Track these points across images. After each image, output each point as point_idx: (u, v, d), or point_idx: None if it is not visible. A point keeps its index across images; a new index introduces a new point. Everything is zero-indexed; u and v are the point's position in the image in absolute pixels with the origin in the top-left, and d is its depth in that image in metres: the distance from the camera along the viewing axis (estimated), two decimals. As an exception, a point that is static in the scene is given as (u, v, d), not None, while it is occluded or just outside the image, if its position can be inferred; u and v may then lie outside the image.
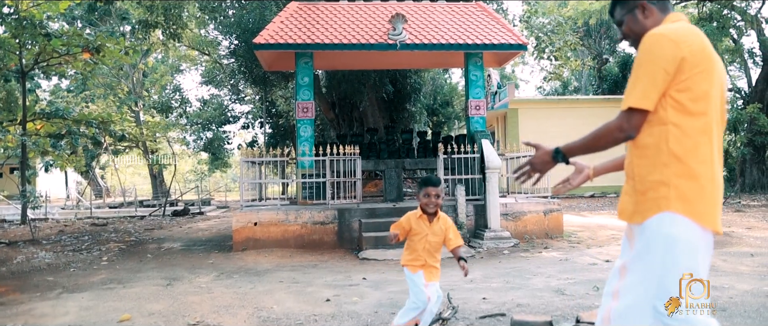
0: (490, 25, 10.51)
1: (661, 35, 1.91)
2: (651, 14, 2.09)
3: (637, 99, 1.89)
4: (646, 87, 1.88)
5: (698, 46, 1.89)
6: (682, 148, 1.87)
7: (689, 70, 1.86)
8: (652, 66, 1.89)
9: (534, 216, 9.49)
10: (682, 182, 1.87)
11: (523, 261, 7.47)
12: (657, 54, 1.88)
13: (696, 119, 1.88)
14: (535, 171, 2.24)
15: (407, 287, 5.91)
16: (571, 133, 16.66)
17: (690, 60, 1.86)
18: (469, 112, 10.54)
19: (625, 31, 2.17)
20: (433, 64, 12.67)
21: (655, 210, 1.88)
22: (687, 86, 1.86)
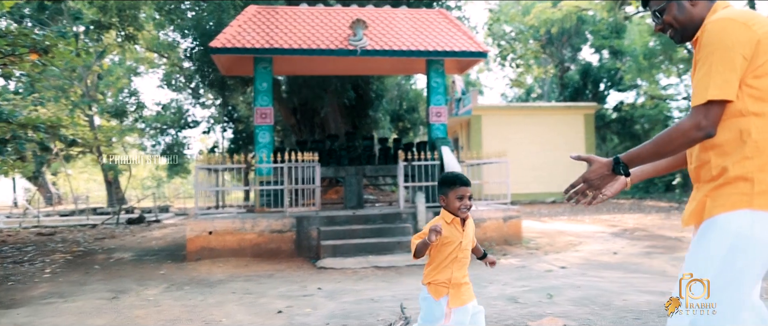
0: (451, 32, 10.53)
1: (730, 19, 1.75)
2: (698, 3, 1.90)
3: (718, 89, 1.69)
4: (725, 75, 1.70)
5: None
6: (766, 140, 1.71)
7: (765, 54, 1.72)
8: (728, 52, 1.71)
9: (494, 223, 9.51)
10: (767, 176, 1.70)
11: (481, 268, 7.42)
12: (731, 39, 1.72)
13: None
14: (592, 188, 1.97)
15: (362, 297, 5.85)
16: (533, 138, 16.96)
17: (765, 42, 1.72)
18: (430, 119, 10.53)
19: (668, 21, 1.95)
20: (395, 71, 12.63)
21: (729, 207, 1.72)
22: (765, 71, 1.71)
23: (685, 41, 2.00)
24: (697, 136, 1.72)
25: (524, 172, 20.96)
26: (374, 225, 8.87)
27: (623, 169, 1.88)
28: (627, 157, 1.88)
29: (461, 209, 2.74)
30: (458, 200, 2.75)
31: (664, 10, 1.94)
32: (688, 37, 1.96)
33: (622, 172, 1.89)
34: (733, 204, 1.71)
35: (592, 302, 5.17)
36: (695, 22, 1.91)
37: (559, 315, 4.72)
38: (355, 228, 8.65)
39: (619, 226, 12.06)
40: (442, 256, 2.79)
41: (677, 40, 2.00)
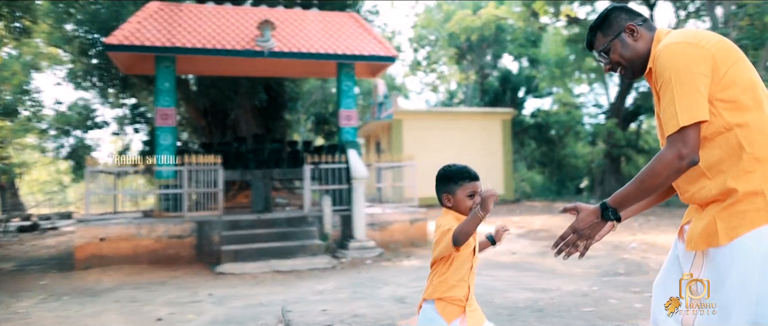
0: (361, 36, 10.57)
1: (679, 43, 1.73)
2: (641, 36, 1.90)
3: (687, 113, 1.62)
4: (690, 97, 1.64)
5: (718, 41, 1.73)
6: (760, 148, 1.64)
7: (724, 65, 1.68)
8: (686, 74, 1.66)
9: (400, 226, 9.61)
10: None
11: (383, 270, 7.51)
12: (685, 60, 1.68)
13: (758, 111, 1.67)
14: (583, 238, 1.86)
15: (253, 302, 5.73)
16: (453, 143, 17.22)
17: (719, 55, 1.68)
18: (341, 122, 10.51)
19: (614, 59, 1.93)
20: (306, 73, 12.54)
21: (749, 227, 1.60)
22: (730, 81, 1.67)
23: (637, 77, 1.97)
24: (682, 166, 1.64)
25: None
26: (279, 229, 8.74)
27: (613, 215, 1.79)
28: (614, 201, 1.78)
29: (473, 208, 2.27)
30: (469, 198, 2.31)
31: (609, 49, 1.94)
32: (638, 72, 1.94)
33: (611, 218, 1.80)
34: (752, 223, 1.60)
35: (475, 301, 5.30)
36: (642, 56, 1.91)
37: (439, 315, 4.80)
38: (258, 233, 8.49)
39: (526, 228, 12.49)
40: (457, 264, 2.30)
41: (628, 76, 1.97)
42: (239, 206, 11.45)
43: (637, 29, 1.89)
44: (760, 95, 1.69)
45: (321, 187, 9.50)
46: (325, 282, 6.67)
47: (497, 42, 25.56)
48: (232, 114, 12.84)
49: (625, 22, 1.91)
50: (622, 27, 1.90)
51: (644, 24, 1.91)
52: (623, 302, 5.10)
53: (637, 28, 1.89)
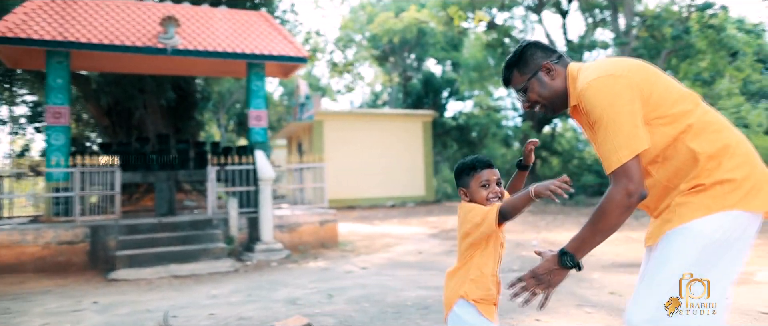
0: (271, 35, 10.41)
1: (600, 78, 1.73)
2: (557, 73, 1.91)
3: (626, 149, 1.63)
4: (626, 131, 1.64)
5: (634, 66, 1.77)
6: (710, 144, 1.67)
7: (648, 87, 1.71)
8: (616, 107, 1.67)
9: (310, 227, 9.53)
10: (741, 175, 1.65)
11: (286, 272, 7.40)
12: (612, 95, 1.68)
13: (693, 114, 1.71)
14: (542, 284, 1.81)
15: (140, 309, 5.48)
16: (374, 144, 17.25)
17: (640, 80, 1.71)
18: (250, 123, 10.30)
19: (532, 98, 1.94)
20: (215, 72, 12.21)
21: (703, 212, 1.64)
22: (658, 100, 1.70)
23: (557, 112, 1.98)
24: (632, 203, 1.64)
25: (366, 177, 21.47)
26: (182, 232, 8.44)
27: (571, 261, 1.76)
28: (573, 247, 1.75)
29: (490, 198, 2.13)
30: (483, 188, 2.14)
31: (527, 88, 1.94)
32: (559, 108, 1.95)
33: (568, 265, 1.76)
34: (707, 208, 1.64)
35: (366, 299, 5.32)
36: (559, 94, 1.91)
37: (326, 314, 4.79)
38: (159, 237, 8.16)
39: (439, 228, 12.72)
40: (487, 254, 2.11)
41: (549, 113, 1.98)
42: (144, 209, 10.97)
43: (553, 67, 1.90)
44: (688, 98, 1.73)
45: (227, 189, 9.27)
46: (222, 286, 6.50)
47: (420, 45, 25.96)
48: (136, 113, 12.27)
49: (541, 61, 1.92)
50: (538, 65, 1.91)
51: (559, 61, 1.93)
52: (506, 297, 5.26)
53: (553, 66, 1.91)
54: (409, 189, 22.11)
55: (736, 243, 1.64)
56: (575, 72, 1.87)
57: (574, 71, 1.88)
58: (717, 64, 17.65)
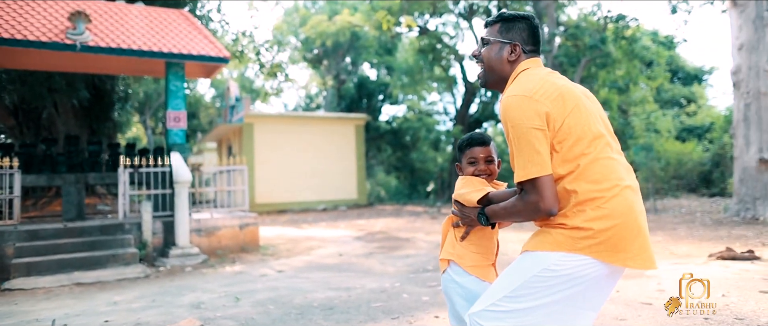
0: (191, 35, 10.14)
1: (516, 97, 1.78)
2: (516, 60, 1.95)
3: (524, 170, 1.74)
4: (527, 153, 1.73)
5: (555, 92, 1.79)
6: (584, 193, 1.73)
7: (560, 117, 1.76)
8: (523, 130, 1.74)
9: (229, 231, 9.33)
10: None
11: (199, 277, 7.21)
12: (523, 116, 1.75)
13: (585, 157, 1.75)
14: (466, 220, 2.13)
15: (28, 318, 5.16)
16: (306, 147, 17.04)
17: (554, 108, 1.76)
18: (168, 124, 9.97)
19: (485, 55, 1.99)
20: (131, 71, 11.76)
21: (553, 247, 1.76)
22: (566, 132, 1.75)
23: (488, 87, 2.03)
24: (539, 214, 1.76)
25: (297, 180, 21.26)
26: (90, 238, 8.06)
27: (485, 221, 2.01)
28: (490, 212, 1.97)
29: (477, 175, 2.25)
30: (471, 165, 2.26)
31: (488, 44, 1.98)
32: (489, 84, 2.01)
33: (483, 223, 2.02)
34: (558, 245, 1.74)
35: (273, 302, 5.26)
36: (500, 75, 1.96)
37: (227, 317, 4.69)
38: (63, 243, 7.75)
39: (365, 230, 12.76)
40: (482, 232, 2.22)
41: (481, 80, 2.03)
42: (51, 214, 10.40)
43: (519, 54, 1.94)
44: (594, 142, 1.77)
45: (141, 192, 8.93)
46: (127, 293, 6.25)
47: (354, 48, 26.00)
48: (45, 113, 11.61)
49: (517, 39, 1.95)
50: (512, 40, 1.95)
51: (529, 54, 1.96)
52: (414, 296, 5.35)
53: (520, 53, 1.94)
54: (342, 192, 22.06)
55: (578, 285, 1.73)
56: (516, 75, 1.92)
57: (516, 74, 1.93)
58: (631, 73, 18.64)
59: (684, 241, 7.93)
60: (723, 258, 6.05)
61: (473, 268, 2.20)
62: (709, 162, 16.32)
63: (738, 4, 10.71)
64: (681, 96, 25.88)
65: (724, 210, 10.87)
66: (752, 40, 10.45)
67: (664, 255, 6.82)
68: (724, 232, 8.60)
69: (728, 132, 14.67)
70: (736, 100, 10.81)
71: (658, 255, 6.84)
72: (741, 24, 10.65)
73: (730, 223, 9.72)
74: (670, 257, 6.65)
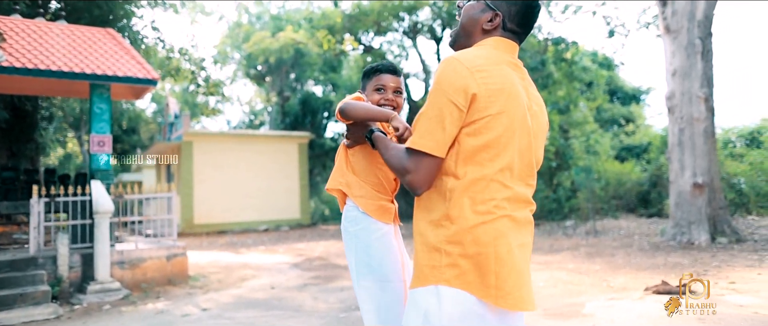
0: (118, 55, 9.67)
1: (456, 60, 1.55)
2: (491, 30, 1.71)
3: (420, 138, 1.54)
4: (431, 125, 1.52)
5: (497, 80, 1.55)
6: (458, 207, 1.52)
7: (483, 109, 1.52)
8: (440, 98, 1.52)
9: (155, 262, 8.87)
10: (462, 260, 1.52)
11: (116, 317, 6.76)
12: (447, 83, 1.53)
13: (484, 170, 1.53)
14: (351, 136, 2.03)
15: None
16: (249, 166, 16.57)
17: (484, 96, 1.51)
18: (92, 148, 9.44)
19: (465, 9, 1.77)
20: (53, 92, 11.14)
21: (422, 282, 1.57)
22: (482, 128, 1.52)
23: (452, 47, 1.81)
24: (406, 182, 1.59)
25: (239, 200, 20.70)
26: (-3, 274, 7.46)
27: (369, 140, 1.88)
28: (375, 138, 1.83)
29: (382, 104, 2.07)
30: (377, 92, 2.09)
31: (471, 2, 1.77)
32: (455, 46, 1.80)
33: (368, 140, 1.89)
34: (425, 279, 1.56)
35: (186, 353, 4.94)
36: (466, 36, 1.76)
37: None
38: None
39: (304, 256, 12.46)
40: (371, 167, 2.04)
41: (451, 40, 1.83)
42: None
43: (496, 26, 1.70)
44: (499, 158, 1.55)
45: (58, 223, 8.38)
46: None
47: (298, 65, 25.71)
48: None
49: (503, 10, 1.70)
50: (497, 7, 1.70)
51: (507, 33, 1.71)
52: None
53: (498, 26, 1.70)
54: (284, 212, 21.63)
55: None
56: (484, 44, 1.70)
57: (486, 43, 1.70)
58: (572, 94, 19.15)
59: (621, 271, 8.03)
60: (659, 293, 6.11)
61: (362, 200, 2.00)
62: (646, 181, 16.85)
63: (671, 31, 11.09)
64: (620, 115, 26.81)
65: (661, 234, 11.16)
66: (685, 67, 10.83)
67: (600, 289, 6.84)
68: (661, 259, 8.78)
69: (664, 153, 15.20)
70: (671, 125, 11.16)
71: (595, 288, 6.86)
72: (674, 50, 11.03)
73: (667, 248, 9.96)
74: (606, 291, 6.67)
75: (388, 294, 1.96)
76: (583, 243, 11.64)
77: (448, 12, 20.45)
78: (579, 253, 10.17)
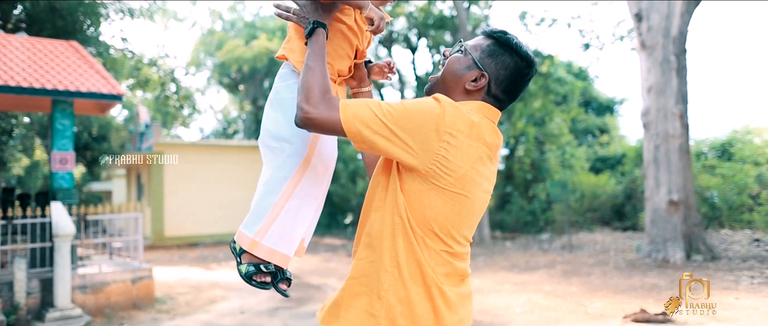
0: (81, 69, 9.30)
1: (440, 101, 1.46)
2: (472, 94, 1.58)
3: (356, 111, 1.45)
4: (374, 116, 1.44)
5: (481, 145, 1.49)
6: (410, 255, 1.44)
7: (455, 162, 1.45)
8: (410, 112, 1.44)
9: (120, 286, 8.51)
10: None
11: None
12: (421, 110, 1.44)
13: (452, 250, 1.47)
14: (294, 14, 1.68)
15: None
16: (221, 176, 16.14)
17: (457, 147, 1.44)
18: (53, 166, 9.05)
19: (450, 61, 1.62)
20: (12, 107, 10.71)
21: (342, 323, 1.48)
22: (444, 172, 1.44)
23: (429, 90, 1.67)
24: (299, 108, 1.48)
25: (211, 211, 20.26)
26: (-53, 303, 7.04)
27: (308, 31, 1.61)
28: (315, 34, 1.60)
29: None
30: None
31: (463, 52, 1.61)
32: (431, 89, 1.66)
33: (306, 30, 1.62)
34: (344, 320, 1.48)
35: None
36: (445, 90, 1.60)
37: None
38: None
39: (277, 272, 12.15)
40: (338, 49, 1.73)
41: (427, 87, 1.69)
42: None
43: (480, 88, 1.58)
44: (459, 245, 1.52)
45: (15, 247, 7.98)
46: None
47: (272, 74, 25.38)
48: None
49: (492, 73, 1.58)
50: (486, 68, 1.57)
51: (491, 99, 1.59)
52: None
53: (482, 90, 1.58)
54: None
55: None
56: (465, 107, 1.53)
57: (465, 106, 1.53)
58: (547, 107, 19.22)
59: (598, 294, 7.93)
60: (637, 321, 6.02)
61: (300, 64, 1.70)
62: (621, 194, 16.94)
63: (647, 47, 11.13)
64: (595, 126, 27.05)
65: (636, 251, 11.15)
66: (660, 83, 10.86)
67: (578, 316, 6.72)
68: (638, 280, 8.72)
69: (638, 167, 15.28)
70: (647, 142, 11.19)
71: (573, 315, 6.74)
72: (650, 66, 11.07)
73: (643, 266, 9.92)
74: (584, 318, 6.55)
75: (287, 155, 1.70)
76: (559, 259, 11.58)
77: (423, 22, 20.41)
78: (555, 272, 10.09)
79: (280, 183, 1.66)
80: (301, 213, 1.71)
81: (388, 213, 1.51)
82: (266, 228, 1.67)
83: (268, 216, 1.67)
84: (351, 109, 1.46)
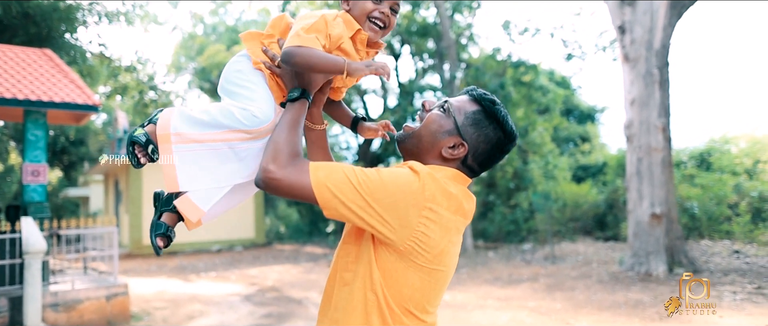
0: (55, 79, 9.02)
1: (425, 168, 1.43)
2: (448, 162, 1.52)
3: (328, 175, 1.38)
4: (347, 182, 1.37)
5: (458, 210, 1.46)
6: None
7: (433, 235, 1.41)
8: (387, 184, 1.37)
9: (94, 303, 8.24)
10: None
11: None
12: (399, 183, 1.38)
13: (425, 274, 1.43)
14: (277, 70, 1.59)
15: None
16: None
17: (436, 221, 1.40)
18: (25, 179, 8.76)
19: (429, 117, 1.54)
20: (-17, 116, 10.38)
21: None
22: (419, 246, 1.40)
23: (398, 144, 1.61)
24: (262, 169, 1.41)
25: (191, 220, 19.89)
26: None
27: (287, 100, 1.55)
28: (296, 105, 1.53)
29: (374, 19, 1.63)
30: (375, 1, 1.60)
31: (446, 112, 1.54)
32: (402, 146, 1.60)
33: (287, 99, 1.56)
34: None
35: None
36: (419, 147, 1.54)
37: None
38: None
39: (258, 285, 11.95)
40: None
41: (399, 136, 1.61)
42: None
43: (457, 157, 1.52)
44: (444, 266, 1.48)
45: (-17, 264, 7.68)
46: None
47: (254, 79, 25.14)
48: None
49: (471, 143, 1.51)
50: (466, 138, 1.51)
51: (466, 169, 1.54)
52: None
53: (458, 159, 1.52)
54: (238, 231, 20.94)
55: None
56: (442, 176, 1.48)
57: (434, 171, 1.47)
58: (530, 117, 19.23)
59: (583, 310, 7.87)
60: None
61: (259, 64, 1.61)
62: (603, 204, 16.99)
63: (630, 59, 11.15)
64: (576, 134, 27.21)
65: (619, 263, 11.13)
66: (643, 96, 10.88)
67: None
68: (622, 296, 8.67)
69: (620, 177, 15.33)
70: (629, 154, 11.20)
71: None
72: (633, 79, 11.09)
73: (626, 280, 9.89)
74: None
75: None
76: (542, 271, 11.54)
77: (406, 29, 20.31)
78: (539, 286, 10.04)
79: (231, 121, 1.51)
80: (225, 168, 1.57)
81: (358, 288, 1.43)
82: (188, 139, 1.55)
83: (200, 133, 1.55)
84: (322, 173, 1.39)
